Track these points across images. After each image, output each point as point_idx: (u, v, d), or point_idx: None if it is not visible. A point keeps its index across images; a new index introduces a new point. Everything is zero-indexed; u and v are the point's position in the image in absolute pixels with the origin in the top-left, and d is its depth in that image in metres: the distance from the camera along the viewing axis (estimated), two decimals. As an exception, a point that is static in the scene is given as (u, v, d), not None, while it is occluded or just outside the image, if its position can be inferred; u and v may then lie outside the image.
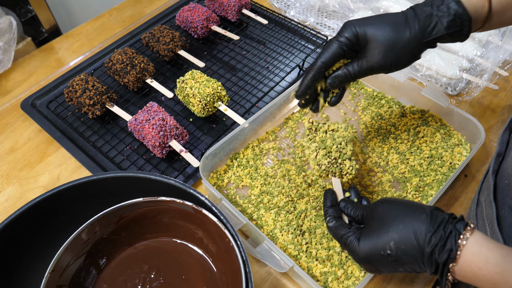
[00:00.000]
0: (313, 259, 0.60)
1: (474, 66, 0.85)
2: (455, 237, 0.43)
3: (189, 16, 0.91)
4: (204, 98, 0.72)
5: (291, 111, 0.80)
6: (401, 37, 0.53)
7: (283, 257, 0.57)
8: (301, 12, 1.02)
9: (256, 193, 0.68)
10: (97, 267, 0.56)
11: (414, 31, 0.53)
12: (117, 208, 0.54)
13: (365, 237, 0.49)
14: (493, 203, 0.50)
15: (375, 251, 0.47)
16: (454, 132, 0.74)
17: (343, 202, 0.56)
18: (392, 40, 0.53)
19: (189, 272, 0.57)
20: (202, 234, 0.57)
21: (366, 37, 0.54)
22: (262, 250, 0.58)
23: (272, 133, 0.77)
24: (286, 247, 0.62)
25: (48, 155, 0.76)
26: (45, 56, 0.98)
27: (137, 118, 0.71)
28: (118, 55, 0.80)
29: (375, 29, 0.54)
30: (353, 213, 0.54)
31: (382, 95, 0.81)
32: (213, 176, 0.70)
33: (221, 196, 0.63)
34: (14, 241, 0.55)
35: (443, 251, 0.43)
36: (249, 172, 0.70)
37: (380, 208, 0.50)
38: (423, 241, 0.44)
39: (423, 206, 0.48)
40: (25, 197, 0.71)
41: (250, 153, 0.73)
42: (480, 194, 0.56)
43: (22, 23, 1.44)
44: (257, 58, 0.91)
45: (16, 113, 0.84)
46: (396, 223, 0.46)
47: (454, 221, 0.45)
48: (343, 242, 0.52)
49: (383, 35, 0.53)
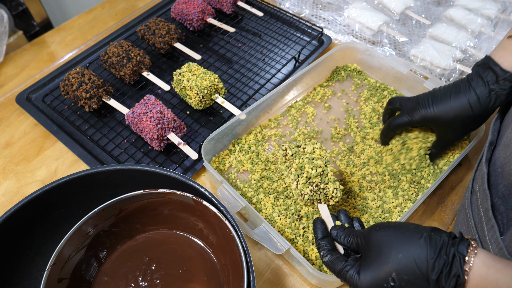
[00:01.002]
0: (309, 243, 0.61)
1: (467, 57, 0.86)
2: (460, 261, 0.40)
3: (185, 9, 0.90)
4: (201, 91, 0.72)
5: (294, 99, 0.81)
6: (469, 125, 0.62)
7: (280, 239, 0.58)
8: (296, 4, 1.02)
9: (256, 178, 0.69)
10: (98, 260, 0.56)
11: (479, 112, 0.59)
12: (117, 201, 0.54)
13: (364, 270, 0.45)
14: (488, 191, 0.51)
15: (377, 284, 0.44)
16: None
17: (334, 231, 0.52)
18: (459, 132, 0.63)
19: (190, 264, 0.57)
20: (202, 226, 0.57)
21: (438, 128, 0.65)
22: (260, 232, 0.59)
23: (274, 120, 0.77)
24: (284, 230, 0.63)
25: (45, 149, 0.76)
26: (37, 50, 0.96)
27: (135, 111, 0.70)
28: (114, 48, 0.80)
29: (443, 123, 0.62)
30: (347, 242, 0.50)
31: (385, 86, 0.82)
32: (215, 160, 0.71)
33: (222, 179, 0.64)
34: (13, 235, 0.55)
35: (450, 278, 0.40)
36: (251, 157, 0.71)
37: (374, 236, 0.46)
38: (425, 269, 0.41)
39: (420, 229, 0.44)
40: (22, 192, 0.71)
41: (252, 139, 0.74)
42: (474, 182, 0.57)
43: (13, 16, 1.42)
44: (253, 50, 0.91)
45: (11, 107, 0.83)
46: (395, 253, 0.43)
47: (456, 242, 0.42)
48: (343, 277, 0.48)
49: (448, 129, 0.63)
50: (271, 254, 0.63)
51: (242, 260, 0.48)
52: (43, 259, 0.58)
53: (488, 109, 0.58)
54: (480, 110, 0.58)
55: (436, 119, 0.61)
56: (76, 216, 0.54)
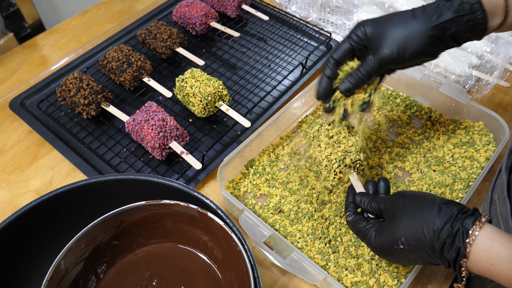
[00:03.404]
0: (342, 268, 0.61)
1: (484, 63, 0.88)
2: (462, 234, 0.45)
3: (187, 12, 0.92)
4: (205, 98, 0.74)
5: (304, 113, 0.82)
6: (406, 26, 0.56)
7: (314, 268, 0.58)
8: (303, 7, 1.04)
9: (276, 202, 0.68)
10: (96, 274, 0.57)
11: (419, 18, 0.56)
12: (118, 212, 0.55)
13: (379, 231, 0.53)
14: (507, 200, 0.52)
15: (389, 245, 0.51)
16: (483, 131, 0.76)
17: (359, 196, 0.58)
18: (397, 31, 0.56)
19: (193, 279, 0.58)
20: (207, 239, 0.58)
21: (375, 33, 0.58)
22: (292, 261, 0.59)
23: (286, 138, 0.78)
24: (313, 257, 0.63)
25: (40, 157, 0.77)
26: (29, 53, 0.98)
27: (135, 118, 0.72)
28: (114, 53, 0.81)
29: (382, 24, 0.58)
30: (369, 207, 0.56)
31: (396, 93, 0.83)
32: (229, 185, 0.71)
33: (243, 206, 0.63)
34: (6, 249, 0.56)
35: (452, 249, 0.45)
36: (266, 179, 0.71)
37: (394, 203, 0.52)
38: (431, 238, 0.47)
39: (435, 200, 0.49)
40: (15, 202, 0.72)
41: (266, 160, 0.74)
42: (494, 192, 0.58)
43: (4, 17, 1.44)
44: (258, 56, 0.92)
45: (4, 113, 0.84)
46: (407, 219, 0.49)
47: (464, 216, 0.46)
48: (362, 234, 0.55)
49: (388, 27, 0.57)
50: (277, 270, 0.63)
51: (249, 275, 0.49)
52: (38, 275, 0.59)
53: (431, 19, 0.56)
54: (421, 19, 0.56)
55: (376, 29, 0.58)
56: (74, 229, 0.55)
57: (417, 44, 0.56)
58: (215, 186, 0.73)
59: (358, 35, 0.59)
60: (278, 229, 0.66)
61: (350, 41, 0.60)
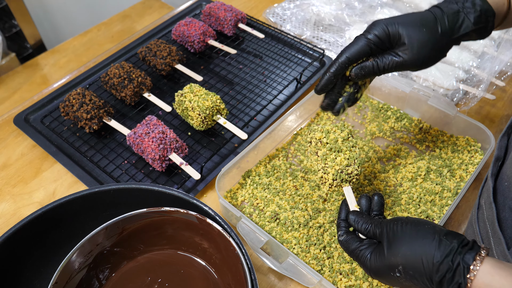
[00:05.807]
0: (336, 273, 0.64)
1: (471, 77, 0.93)
2: (463, 270, 0.44)
3: (186, 31, 0.97)
4: (203, 111, 0.77)
5: (299, 127, 0.86)
6: (433, 34, 0.59)
7: (310, 271, 0.61)
8: (297, 26, 1.09)
9: (272, 210, 0.72)
10: (99, 280, 0.60)
11: (445, 29, 0.59)
12: (120, 219, 0.58)
13: (376, 255, 0.52)
14: (493, 204, 0.54)
15: (385, 271, 0.51)
16: (471, 141, 0.80)
17: (353, 216, 0.58)
18: (426, 38, 0.59)
19: (193, 285, 0.60)
20: (206, 245, 0.61)
21: (399, 35, 0.60)
22: (288, 266, 0.62)
23: (282, 149, 0.81)
24: (308, 262, 0.65)
25: (43, 170, 0.80)
26: (30, 73, 1.01)
27: (136, 131, 0.75)
28: (115, 69, 0.85)
29: (407, 27, 0.59)
30: (363, 229, 0.56)
31: (387, 106, 0.88)
32: (227, 195, 0.75)
33: (240, 214, 0.67)
34: (11, 257, 0.58)
35: (452, 284, 0.45)
36: (263, 189, 0.75)
37: (391, 229, 0.52)
38: (430, 270, 0.46)
39: (435, 230, 0.49)
40: (19, 214, 0.75)
41: (263, 171, 0.77)
42: (481, 197, 0.61)
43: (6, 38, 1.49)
44: (254, 72, 0.97)
45: (8, 129, 0.88)
46: (406, 248, 0.49)
47: (464, 250, 0.46)
48: (356, 255, 0.55)
49: (415, 32, 0.59)
50: (274, 276, 0.66)
51: (247, 278, 0.52)
52: (42, 281, 0.61)
53: (454, 29, 0.59)
54: (446, 28, 0.59)
55: (400, 31, 0.60)
56: (77, 236, 0.58)
57: (439, 52, 0.60)
58: (214, 196, 0.76)
59: (378, 36, 0.59)
60: (274, 236, 0.69)
61: (369, 42, 0.60)
